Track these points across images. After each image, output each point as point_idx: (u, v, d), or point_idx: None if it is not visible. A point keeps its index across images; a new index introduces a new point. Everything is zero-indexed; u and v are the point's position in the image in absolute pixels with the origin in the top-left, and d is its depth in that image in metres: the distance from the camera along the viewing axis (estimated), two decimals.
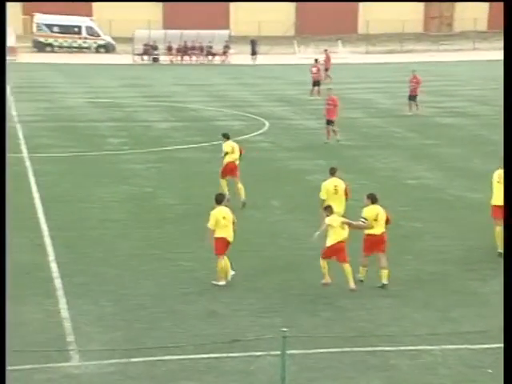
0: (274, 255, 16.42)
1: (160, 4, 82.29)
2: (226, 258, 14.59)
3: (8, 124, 31.68)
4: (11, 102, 39.13)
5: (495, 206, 16.05)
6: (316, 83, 41.83)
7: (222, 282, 14.55)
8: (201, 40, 65.23)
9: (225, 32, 67.35)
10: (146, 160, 26.05)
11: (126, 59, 64.71)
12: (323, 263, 14.46)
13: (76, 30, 71.24)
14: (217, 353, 11.69)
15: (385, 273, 14.51)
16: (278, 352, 9.83)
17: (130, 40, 65.95)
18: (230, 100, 42.04)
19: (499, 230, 15.48)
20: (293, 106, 39.45)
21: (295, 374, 10.88)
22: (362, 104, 40.45)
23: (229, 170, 20.29)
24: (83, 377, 11.10)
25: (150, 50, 64.54)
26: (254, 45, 65.86)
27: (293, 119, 35.41)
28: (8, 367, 8.64)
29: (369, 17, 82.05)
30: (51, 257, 16.01)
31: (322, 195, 16.54)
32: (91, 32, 71.68)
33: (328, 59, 48.96)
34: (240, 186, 20.07)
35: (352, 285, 14.33)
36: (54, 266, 15.42)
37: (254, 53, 65.53)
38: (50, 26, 71.06)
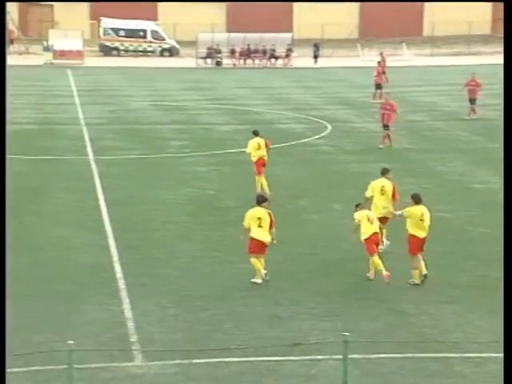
0: (335, 258, 16.33)
1: (223, 7, 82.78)
2: (260, 259, 14.64)
3: (74, 127, 31.62)
4: (78, 105, 39.87)
5: None
6: (378, 86, 41.52)
7: (259, 280, 14.60)
8: (264, 43, 65.36)
9: (288, 35, 67.35)
10: (207, 163, 26.20)
11: (190, 63, 65.23)
12: (375, 260, 14.61)
13: (141, 34, 72.15)
14: (278, 356, 11.67)
15: (416, 273, 14.64)
16: (340, 356, 9.76)
17: (193, 43, 66.49)
18: (293, 103, 42.01)
19: None
20: (355, 109, 39.21)
21: (357, 379, 10.79)
22: (427, 107, 39.98)
23: (260, 166, 21.21)
24: (146, 377, 11.21)
25: (213, 53, 64.93)
26: (316, 48, 65.81)
27: (355, 122, 35.20)
28: (75, 365, 8.77)
29: (434, 18, 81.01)
30: (115, 257, 16.23)
31: (367, 193, 16.68)
32: (156, 36, 72.51)
33: (383, 62, 48.56)
34: (263, 179, 21.07)
35: (371, 275, 14.81)
36: (117, 267, 15.62)
37: (316, 56, 65.47)
38: (116, 31, 72.11)
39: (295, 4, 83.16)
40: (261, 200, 15.03)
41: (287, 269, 15.49)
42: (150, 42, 72.33)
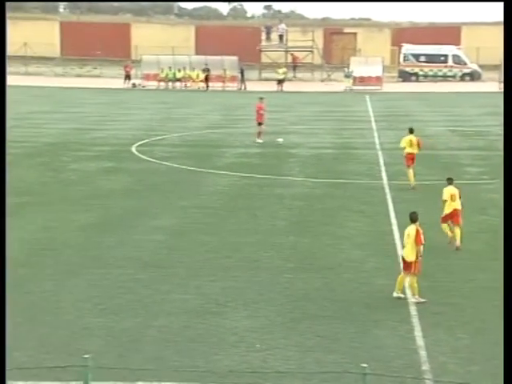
0: None
1: None
2: (402, 276, 15.14)
3: (370, 151, 31.95)
4: (374, 131, 40.38)
5: None
6: None
7: (422, 299, 14.94)
8: None
9: None
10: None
11: (492, 87, 63.38)
12: (444, 226, 18.85)
13: (442, 59, 71.58)
14: None
15: None
16: None
17: (497, 67, 64.56)
18: None
19: None
20: None
21: None
22: None
23: (409, 160, 25.63)
24: None
25: None
26: None
27: None
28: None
29: None
30: (407, 283, 16.05)
31: None
32: (457, 60, 71.53)
33: None
34: (411, 172, 25.43)
35: (458, 243, 18.33)
36: (409, 293, 15.45)
37: None
38: (416, 56, 72.23)
39: None
40: (414, 218, 15.33)
41: None
42: (451, 66, 71.46)
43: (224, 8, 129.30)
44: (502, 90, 67.98)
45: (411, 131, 26.19)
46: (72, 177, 27.28)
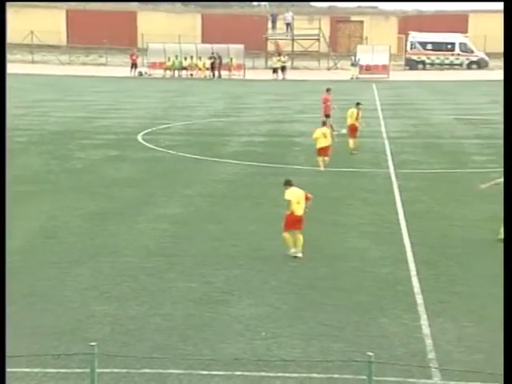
0: None
1: None
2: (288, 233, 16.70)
3: (376, 140, 31.97)
4: (380, 119, 40.28)
5: None
6: None
7: (290, 251, 16.77)
8: None
9: None
10: None
11: (499, 75, 63.05)
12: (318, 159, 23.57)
13: (449, 46, 71.35)
14: None
15: None
16: None
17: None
18: None
19: None
20: None
21: None
22: None
23: (352, 131, 29.78)
24: None
25: None
26: None
27: None
28: (373, 377, 8.74)
29: None
30: (412, 272, 16.09)
31: None
32: (464, 48, 71.27)
33: None
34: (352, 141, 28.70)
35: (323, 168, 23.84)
36: (414, 281, 15.47)
37: None
38: (423, 44, 71.99)
39: None
40: (291, 182, 16.93)
41: None
42: (458, 54, 71.22)
43: None
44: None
45: (357, 104, 30.64)
46: (78, 165, 27.31)
